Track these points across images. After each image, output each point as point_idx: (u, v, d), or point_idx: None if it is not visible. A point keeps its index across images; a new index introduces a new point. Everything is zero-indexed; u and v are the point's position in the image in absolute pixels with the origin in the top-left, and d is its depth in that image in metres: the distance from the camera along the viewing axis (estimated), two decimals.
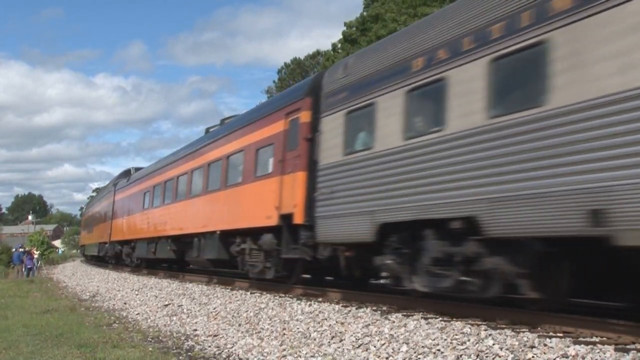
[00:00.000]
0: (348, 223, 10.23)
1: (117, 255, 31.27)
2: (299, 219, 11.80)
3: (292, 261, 12.62)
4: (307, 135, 12.01)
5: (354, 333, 7.77)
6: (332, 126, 11.14)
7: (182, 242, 19.66)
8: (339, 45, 37.45)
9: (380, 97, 9.83)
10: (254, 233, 13.89)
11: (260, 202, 13.42)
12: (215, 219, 16.31)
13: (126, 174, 35.13)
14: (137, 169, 33.17)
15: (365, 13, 34.88)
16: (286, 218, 12.23)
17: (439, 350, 6.43)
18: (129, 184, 30.03)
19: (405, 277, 9.23)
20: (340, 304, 10.02)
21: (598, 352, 5.52)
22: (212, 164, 17.62)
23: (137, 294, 16.70)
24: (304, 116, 12.26)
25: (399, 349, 6.77)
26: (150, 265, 26.13)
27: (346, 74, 11.05)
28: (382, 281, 12.95)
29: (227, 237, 15.48)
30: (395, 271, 9.46)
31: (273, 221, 12.64)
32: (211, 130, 20.16)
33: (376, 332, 7.58)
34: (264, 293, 12.87)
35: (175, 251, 20.53)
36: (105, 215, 35.00)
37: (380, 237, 9.52)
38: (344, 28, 36.41)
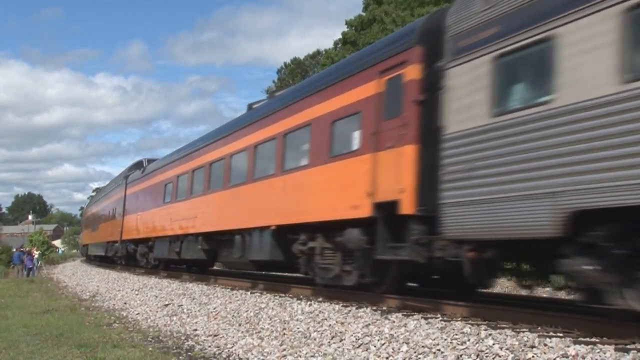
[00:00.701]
0: (506, 211, 7.36)
1: (129, 256, 27.93)
2: (408, 207, 9.04)
3: (384, 264, 10.17)
4: (417, 97, 9.19)
5: (354, 333, 7.77)
6: (469, 78, 8.26)
7: (216, 240, 16.91)
8: (340, 45, 37.48)
9: (568, 26, 6.86)
10: (327, 228, 11.29)
11: (341, 188, 10.78)
12: (267, 212, 13.45)
13: (138, 165, 31.02)
14: (150, 161, 29.16)
15: (363, 14, 34.91)
16: (385, 207, 9.58)
17: (439, 350, 6.43)
18: (144, 175, 26.14)
19: (611, 291, 6.52)
20: (341, 304, 10.01)
21: (598, 352, 5.52)
22: (260, 146, 14.65)
23: (137, 294, 16.70)
24: (411, 72, 9.36)
25: (399, 349, 6.77)
26: (170, 267, 23.34)
27: (493, 3, 8.10)
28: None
29: (285, 233, 12.76)
30: (596, 281, 6.61)
31: (363, 212, 9.99)
32: (256, 106, 16.86)
33: (376, 332, 7.58)
34: (264, 293, 12.86)
35: (206, 251, 17.64)
36: (114, 212, 31.78)
37: (567, 230, 6.68)
38: (345, 28, 36.46)
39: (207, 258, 18.08)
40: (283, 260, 13.08)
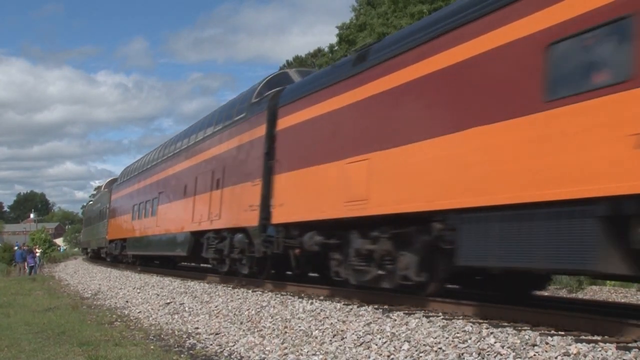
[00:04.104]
0: None
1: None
2: None
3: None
4: None
5: (355, 331, 7.77)
6: None
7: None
8: (336, 47, 37.51)
9: None
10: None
11: None
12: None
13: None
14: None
15: (355, 21, 34.95)
16: None
17: (440, 348, 6.44)
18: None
19: None
20: (342, 303, 10.02)
21: (600, 350, 5.53)
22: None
23: (138, 292, 16.72)
24: None
25: (401, 347, 6.77)
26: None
27: None
28: None
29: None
30: None
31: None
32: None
33: (378, 330, 7.59)
34: (266, 291, 12.87)
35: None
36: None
37: None
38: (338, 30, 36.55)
39: None
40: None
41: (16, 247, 47.09)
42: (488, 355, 5.92)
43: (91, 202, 55.60)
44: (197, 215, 17.68)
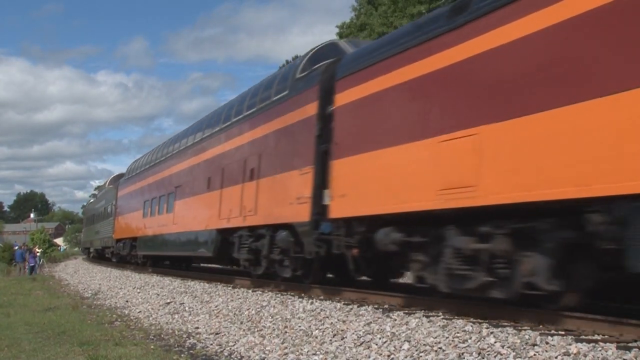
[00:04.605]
0: None
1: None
2: None
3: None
4: None
5: (355, 331, 7.77)
6: None
7: None
8: None
9: None
10: None
11: None
12: None
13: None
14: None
15: (355, 21, 35.01)
16: None
17: (440, 348, 6.44)
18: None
19: None
20: (342, 302, 10.02)
21: (600, 350, 5.52)
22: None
23: (139, 292, 16.72)
24: None
25: (401, 347, 6.77)
26: None
27: None
28: None
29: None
30: None
31: None
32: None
33: (378, 330, 7.59)
34: (266, 291, 12.87)
35: None
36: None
37: None
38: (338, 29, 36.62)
39: None
40: None
41: (16, 247, 47.11)
42: (488, 355, 5.92)
43: (92, 201, 55.31)
44: (226, 211, 15.60)
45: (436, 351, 6.39)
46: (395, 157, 9.25)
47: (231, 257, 15.99)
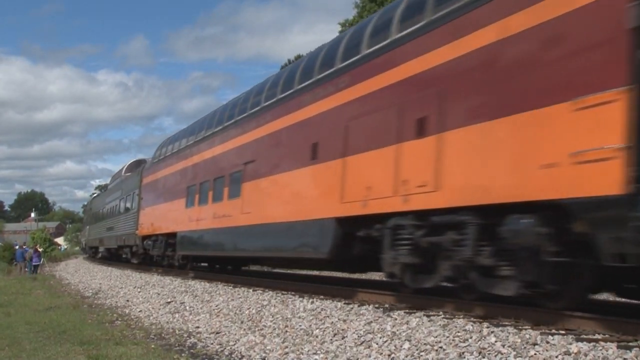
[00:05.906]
0: None
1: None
2: None
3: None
4: None
5: (356, 330, 7.78)
6: None
7: None
8: None
9: None
10: None
11: None
12: None
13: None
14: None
15: (358, 18, 35.07)
16: None
17: (441, 347, 6.44)
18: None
19: None
20: (343, 302, 10.02)
21: (600, 350, 5.52)
22: None
23: (139, 292, 16.73)
24: None
25: (401, 346, 6.77)
26: None
27: None
28: None
29: None
30: None
31: None
32: None
33: (378, 329, 7.59)
34: (266, 290, 12.87)
35: None
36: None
37: None
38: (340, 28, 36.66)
39: None
40: None
41: (16, 247, 47.14)
42: (489, 354, 5.92)
43: (97, 195, 53.96)
44: (356, 189, 10.67)
45: (437, 350, 6.39)
46: None
47: (355, 259, 11.59)
